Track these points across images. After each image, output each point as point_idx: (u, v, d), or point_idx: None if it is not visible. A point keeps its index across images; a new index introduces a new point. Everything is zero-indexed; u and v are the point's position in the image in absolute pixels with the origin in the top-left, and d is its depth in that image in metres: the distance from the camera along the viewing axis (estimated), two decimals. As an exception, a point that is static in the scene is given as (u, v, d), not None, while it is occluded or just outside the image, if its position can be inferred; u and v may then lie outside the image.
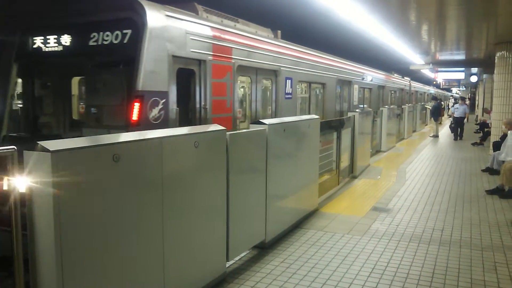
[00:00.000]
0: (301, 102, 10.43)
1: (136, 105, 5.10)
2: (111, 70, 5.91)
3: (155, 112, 5.31)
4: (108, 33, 5.50)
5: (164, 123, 5.44)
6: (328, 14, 11.03)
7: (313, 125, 6.52)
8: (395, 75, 22.51)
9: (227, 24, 7.30)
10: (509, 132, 8.75)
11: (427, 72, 29.63)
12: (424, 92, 36.06)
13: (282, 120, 5.69)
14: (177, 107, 5.72)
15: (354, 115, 9.60)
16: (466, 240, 5.52)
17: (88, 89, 6.45)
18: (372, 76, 16.39)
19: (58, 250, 2.53)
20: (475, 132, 19.70)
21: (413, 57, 19.97)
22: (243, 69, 7.41)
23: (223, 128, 4.20)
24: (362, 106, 15.13)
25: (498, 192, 8.01)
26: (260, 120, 5.13)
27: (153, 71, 5.29)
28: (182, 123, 5.83)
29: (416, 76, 33.85)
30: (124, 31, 5.43)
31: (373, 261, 4.81)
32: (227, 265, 4.43)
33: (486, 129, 16.47)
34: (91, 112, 6.13)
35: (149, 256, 3.29)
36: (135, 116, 5.10)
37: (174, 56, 5.64)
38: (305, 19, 12.96)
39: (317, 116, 6.85)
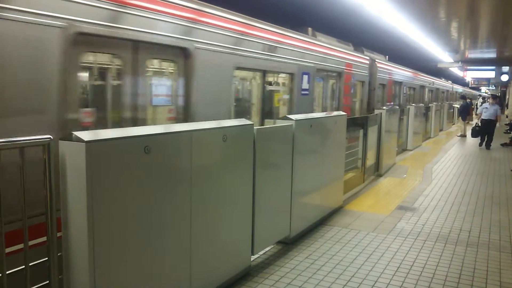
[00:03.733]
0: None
1: None
2: None
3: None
4: None
5: None
6: (357, 10, 10.92)
7: (340, 122, 6.48)
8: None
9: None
10: None
11: (455, 70, 29.04)
12: (456, 91, 36.27)
13: (309, 116, 5.67)
14: None
15: (381, 113, 9.49)
16: (495, 242, 5.41)
17: None
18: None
19: (90, 238, 2.59)
20: (504, 133, 19.21)
21: (442, 55, 19.62)
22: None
23: (251, 122, 4.22)
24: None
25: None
26: (287, 116, 5.12)
27: None
28: None
29: (444, 74, 33.29)
30: None
31: (399, 260, 4.77)
32: (251, 259, 4.46)
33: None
34: None
35: (177, 247, 3.33)
36: None
37: None
38: (334, 14, 12.85)
39: (344, 113, 6.80)
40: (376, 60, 12.86)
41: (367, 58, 12.24)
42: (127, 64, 4.45)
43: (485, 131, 15.25)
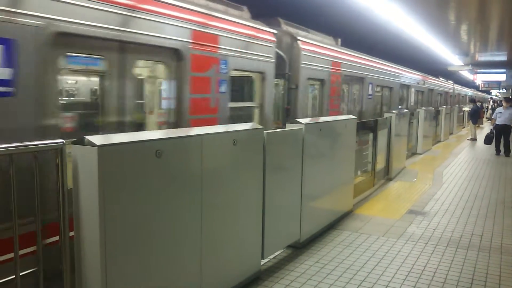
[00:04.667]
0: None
1: None
2: None
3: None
4: None
5: None
6: (367, 13, 10.92)
7: (350, 126, 6.47)
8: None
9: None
10: None
11: (465, 73, 28.87)
12: (465, 94, 35.94)
13: (318, 119, 5.67)
14: None
15: (391, 116, 9.45)
16: (508, 247, 5.36)
17: None
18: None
19: (102, 240, 2.61)
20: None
21: (452, 58, 19.51)
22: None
23: (261, 126, 4.23)
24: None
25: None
26: (297, 120, 5.12)
27: None
28: None
29: (453, 77, 33.05)
30: None
31: (410, 265, 4.73)
32: (262, 263, 4.46)
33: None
34: None
35: (187, 250, 3.34)
36: None
37: None
38: (344, 19, 12.87)
39: (353, 116, 6.78)
40: (301, 39, 8.01)
41: (273, 33, 6.98)
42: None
43: (500, 138, 14.05)
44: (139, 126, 4.83)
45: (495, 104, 29.65)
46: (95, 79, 4.63)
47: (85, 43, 4.00)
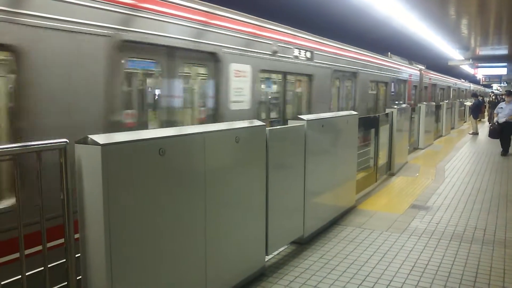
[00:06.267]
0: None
1: None
2: None
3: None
4: None
5: None
6: (367, 10, 10.90)
7: (352, 121, 6.47)
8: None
9: None
10: None
11: (466, 68, 28.81)
12: (466, 89, 36.15)
13: (320, 116, 5.67)
14: None
15: (392, 112, 9.44)
16: None
17: None
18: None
19: (107, 239, 2.62)
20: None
21: (452, 52, 19.49)
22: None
23: (263, 123, 4.24)
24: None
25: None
26: (299, 116, 5.13)
27: None
28: None
29: (454, 72, 32.98)
30: None
31: (413, 259, 4.74)
32: (266, 259, 4.47)
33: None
34: None
35: (192, 248, 3.35)
36: None
37: None
38: (343, 14, 12.84)
39: (355, 112, 6.78)
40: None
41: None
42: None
43: (506, 134, 12.77)
44: None
45: (497, 99, 28.35)
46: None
47: None
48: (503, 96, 19.59)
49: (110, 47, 4.22)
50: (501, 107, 13.20)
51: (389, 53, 12.47)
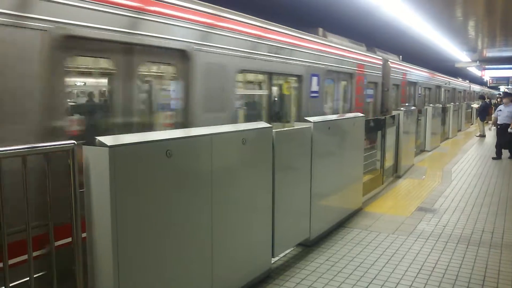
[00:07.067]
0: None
1: None
2: None
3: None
4: None
5: None
6: (374, 11, 10.88)
7: (358, 124, 6.46)
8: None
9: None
10: None
11: (473, 70, 28.68)
12: (464, 90, 36.22)
13: (327, 118, 5.67)
14: None
15: (399, 114, 9.41)
16: (519, 243, 5.33)
17: None
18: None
19: (114, 240, 2.63)
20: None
21: (459, 54, 19.40)
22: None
23: (270, 125, 4.24)
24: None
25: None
26: (306, 118, 5.12)
27: None
28: None
29: (462, 74, 32.82)
30: None
31: (420, 262, 4.72)
32: (272, 261, 4.46)
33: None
34: None
35: (199, 250, 3.36)
36: None
37: None
38: (349, 15, 12.80)
39: (362, 114, 6.77)
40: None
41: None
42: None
43: (501, 139, 12.43)
44: None
45: (497, 100, 27.22)
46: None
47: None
48: (499, 100, 18.90)
49: (46, 43, 3.46)
50: (500, 110, 12.85)
51: (320, 29, 8.57)
